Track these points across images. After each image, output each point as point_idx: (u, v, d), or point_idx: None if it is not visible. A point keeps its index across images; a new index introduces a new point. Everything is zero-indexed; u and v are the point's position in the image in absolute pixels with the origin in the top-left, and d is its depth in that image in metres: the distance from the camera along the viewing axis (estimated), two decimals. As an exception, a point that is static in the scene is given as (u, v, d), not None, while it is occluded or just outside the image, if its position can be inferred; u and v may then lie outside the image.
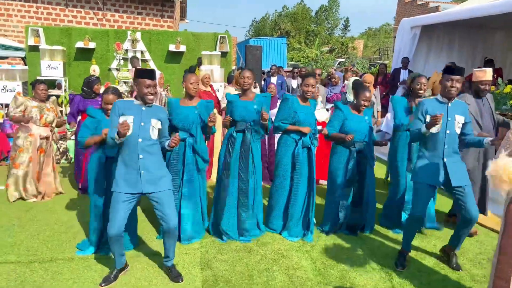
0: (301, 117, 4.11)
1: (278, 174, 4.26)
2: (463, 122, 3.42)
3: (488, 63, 7.86)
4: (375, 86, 6.90)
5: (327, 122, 5.91)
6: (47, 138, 5.12)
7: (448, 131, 3.37)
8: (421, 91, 4.26)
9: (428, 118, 3.36)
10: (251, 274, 3.48)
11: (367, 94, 4.16)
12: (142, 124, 3.09)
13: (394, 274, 3.54)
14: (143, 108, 3.14)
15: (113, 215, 3.07)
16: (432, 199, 3.99)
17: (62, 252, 3.76)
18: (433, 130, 3.29)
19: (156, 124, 3.15)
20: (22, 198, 5.03)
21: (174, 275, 3.34)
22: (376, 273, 3.56)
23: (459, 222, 3.56)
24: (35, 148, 5.01)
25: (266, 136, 6.05)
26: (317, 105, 5.91)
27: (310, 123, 4.16)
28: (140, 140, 3.08)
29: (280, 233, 4.26)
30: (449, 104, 3.42)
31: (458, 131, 3.42)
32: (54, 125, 5.17)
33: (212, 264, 3.61)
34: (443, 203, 5.20)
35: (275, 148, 6.01)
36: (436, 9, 21.47)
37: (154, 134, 3.14)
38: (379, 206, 4.66)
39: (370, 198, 4.27)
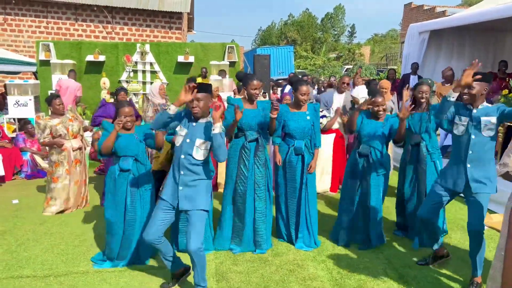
0: (291, 125, 4.03)
1: (277, 182, 4.24)
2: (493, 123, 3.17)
3: (502, 64, 7.77)
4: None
5: (340, 129, 5.89)
6: (79, 148, 5.21)
7: (473, 136, 3.22)
8: (423, 100, 4.16)
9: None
10: (267, 285, 3.44)
11: (379, 99, 3.99)
12: (188, 141, 3.01)
13: (412, 283, 3.47)
14: (194, 124, 3.05)
15: (151, 221, 3.10)
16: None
17: (77, 265, 3.75)
18: None
19: (201, 145, 2.99)
20: (62, 211, 5.08)
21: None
22: (394, 282, 3.49)
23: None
24: (70, 160, 5.09)
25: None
26: (325, 112, 5.89)
27: (303, 130, 4.03)
28: (182, 156, 3.01)
29: (292, 243, 4.20)
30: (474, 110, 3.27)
31: (488, 133, 3.18)
32: (81, 133, 5.27)
33: (227, 276, 3.58)
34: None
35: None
36: (443, 13, 21.41)
37: (199, 155, 3.00)
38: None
39: (372, 207, 4.08)
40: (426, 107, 4.20)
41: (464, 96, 3.24)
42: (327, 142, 5.71)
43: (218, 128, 2.89)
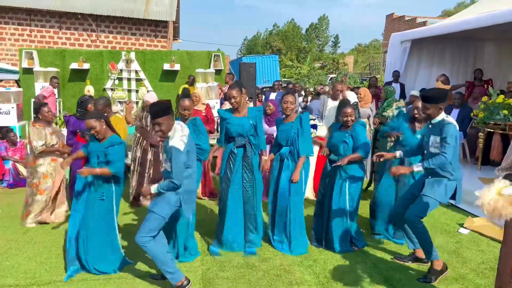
0: (278, 134, 4.25)
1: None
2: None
3: (478, 72, 8.08)
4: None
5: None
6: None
7: (425, 151, 3.58)
8: (417, 115, 4.28)
9: None
10: (254, 290, 3.44)
11: (348, 110, 4.15)
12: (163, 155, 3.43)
13: (398, 286, 3.51)
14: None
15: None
16: None
17: (60, 274, 3.69)
18: None
19: (165, 161, 3.29)
20: (45, 222, 4.92)
21: None
22: (380, 285, 3.53)
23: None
24: (60, 172, 4.94)
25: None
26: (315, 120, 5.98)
27: (287, 138, 4.15)
28: (162, 169, 3.40)
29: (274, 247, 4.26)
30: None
31: (434, 150, 3.44)
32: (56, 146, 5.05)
33: (214, 282, 3.56)
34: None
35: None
36: (423, 24, 21.89)
37: (167, 166, 3.26)
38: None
39: (334, 211, 4.18)
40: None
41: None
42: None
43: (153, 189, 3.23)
